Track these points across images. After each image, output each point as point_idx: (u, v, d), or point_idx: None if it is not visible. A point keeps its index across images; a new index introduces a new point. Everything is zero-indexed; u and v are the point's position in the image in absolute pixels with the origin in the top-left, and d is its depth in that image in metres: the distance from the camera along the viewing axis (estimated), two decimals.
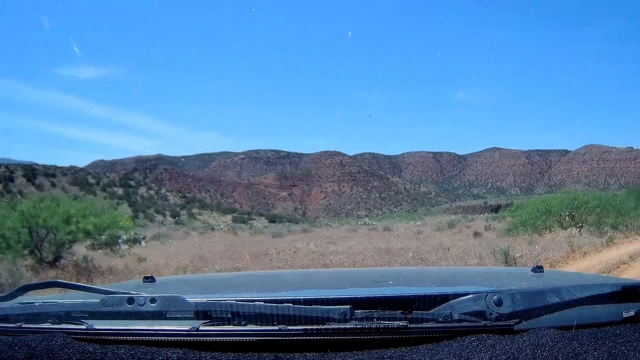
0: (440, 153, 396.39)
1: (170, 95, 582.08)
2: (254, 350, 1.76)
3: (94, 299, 2.04)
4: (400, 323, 1.80)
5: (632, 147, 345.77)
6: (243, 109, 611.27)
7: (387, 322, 1.81)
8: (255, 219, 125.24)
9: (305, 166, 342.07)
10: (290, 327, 1.81)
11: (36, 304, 2.14)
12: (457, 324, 1.84)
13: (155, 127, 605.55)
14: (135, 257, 24.65)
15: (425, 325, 1.84)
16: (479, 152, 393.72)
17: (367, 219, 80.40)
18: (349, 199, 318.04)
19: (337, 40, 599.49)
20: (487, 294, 1.90)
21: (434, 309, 1.91)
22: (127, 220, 26.82)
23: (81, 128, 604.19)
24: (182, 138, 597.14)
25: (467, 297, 1.93)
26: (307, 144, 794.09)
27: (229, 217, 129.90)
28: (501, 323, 1.83)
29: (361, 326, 1.80)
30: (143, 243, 36.53)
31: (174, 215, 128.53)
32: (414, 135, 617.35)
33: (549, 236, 29.00)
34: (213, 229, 68.96)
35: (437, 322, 1.85)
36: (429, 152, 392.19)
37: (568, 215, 33.45)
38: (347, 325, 1.80)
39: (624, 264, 18.52)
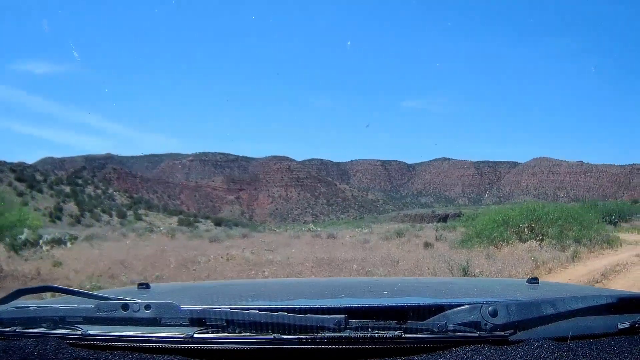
0: (389, 161, 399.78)
1: (121, 95, 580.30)
2: (248, 359, 1.81)
3: (89, 304, 2.05)
4: (395, 333, 1.81)
5: (582, 161, 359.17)
6: (193, 111, 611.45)
7: (381, 331, 1.82)
8: (202, 222, 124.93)
9: (254, 170, 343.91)
10: (284, 336, 1.82)
11: (31, 308, 2.13)
12: (452, 334, 1.85)
13: (106, 126, 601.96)
14: (52, 261, 22.15)
15: (420, 335, 1.85)
16: (428, 161, 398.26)
17: (311, 225, 77.48)
18: (296, 204, 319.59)
19: (289, 45, 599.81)
20: (482, 305, 1.92)
21: (429, 319, 1.92)
22: (36, 219, 25.52)
23: (32, 124, 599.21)
24: (132, 138, 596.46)
25: (462, 307, 1.94)
26: (256, 149, 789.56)
27: (175, 219, 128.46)
28: (496, 334, 1.84)
29: (356, 335, 1.80)
30: (68, 244, 33.09)
31: (121, 215, 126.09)
32: (363, 142, 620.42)
33: (507, 249, 26.91)
34: (152, 230, 65.37)
35: (432, 332, 1.85)
36: (377, 160, 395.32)
37: (527, 227, 31.30)
38: (342, 335, 1.81)
39: (597, 282, 16.74)
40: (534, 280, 3.15)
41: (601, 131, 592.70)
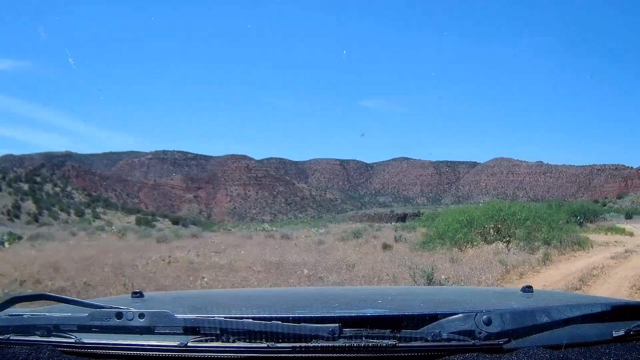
0: (348, 161, 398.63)
1: (81, 93, 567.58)
2: None
3: (83, 312, 2.07)
4: (389, 342, 1.83)
5: (541, 162, 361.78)
6: (152, 109, 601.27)
7: (375, 340, 1.84)
8: (160, 221, 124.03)
9: (212, 169, 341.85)
10: (278, 345, 1.84)
11: (25, 316, 2.14)
12: (446, 343, 1.86)
13: (65, 123, 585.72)
14: None
15: (414, 344, 1.86)
16: (386, 161, 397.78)
17: (266, 225, 75.44)
18: (254, 203, 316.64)
19: (248, 45, 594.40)
20: (477, 314, 1.94)
21: (423, 328, 1.93)
22: None
23: None
24: (92, 136, 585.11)
25: (456, 316, 1.95)
26: (215, 147, 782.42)
27: (133, 218, 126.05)
28: (490, 342, 1.86)
29: (350, 344, 1.82)
30: (6, 245, 33.24)
31: (79, 213, 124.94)
32: (322, 142, 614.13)
33: (471, 251, 25.26)
34: (104, 229, 63.16)
35: (426, 341, 1.86)
36: (336, 160, 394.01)
37: (493, 228, 29.40)
38: (336, 344, 1.82)
39: (576, 289, 15.47)
40: (528, 289, 3.10)
41: (561, 133, 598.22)
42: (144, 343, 1.87)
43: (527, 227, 28.88)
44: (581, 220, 54.43)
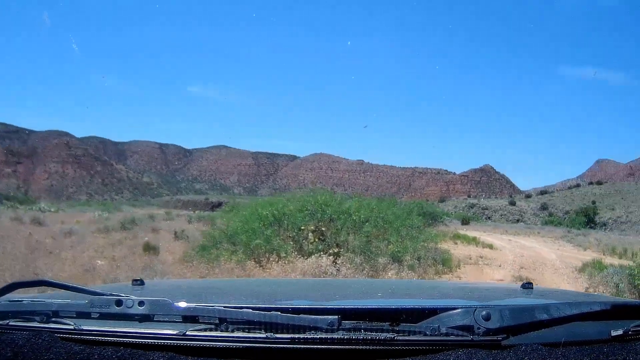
0: (167, 145, 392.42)
1: None
2: (240, 357, 1.83)
3: (83, 299, 2.08)
4: (388, 335, 1.84)
5: (362, 160, 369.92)
6: None
7: (374, 333, 1.85)
8: None
9: (33, 144, 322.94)
10: (277, 335, 1.85)
11: (24, 301, 2.18)
12: (444, 338, 1.87)
13: None
14: None
15: (412, 337, 1.87)
16: (205, 148, 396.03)
17: (43, 205, 63.78)
18: (72, 182, 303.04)
19: (76, 22, 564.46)
20: (476, 309, 1.94)
21: (422, 322, 1.94)
22: None
23: None
24: None
25: (455, 311, 1.97)
26: (39, 122, 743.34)
27: None
28: (488, 338, 1.86)
29: (348, 337, 1.83)
30: None
31: None
32: (145, 124, 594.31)
33: (278, 268, 16.13)
34: None
35: (425, 335, 1.87)
36: (155, 143, 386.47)
37: (314, 232, 18.91)
38: (335, 335, 1.83)
39: None
40: (528, 285, 3.07)
41: (383, 133, 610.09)
42: (143, 331, 1.87)
43: (366, 234, 18.92)
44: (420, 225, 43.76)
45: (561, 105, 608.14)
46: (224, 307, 1.93)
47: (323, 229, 19.09)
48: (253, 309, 1.92)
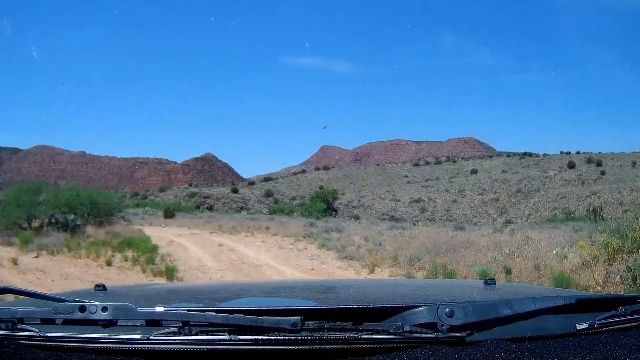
0: None
1: None
2: None
3: (47, 306, 2.04)
4: (351, 334, 1.84)
5: (84, 152, 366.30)
6: None
7: (337, 333, 1.86)
8: None
9: None
10: (241, 337, 1.84)
11: None
12: (408, 336, 1.86)
13: None
14: None
15: (376, 336, 1.86)
16: None
17: None
18: None
19: None
20: (439, 306, 1.95)
21: (385, 321, 1.95)
22: None
23: None
24: None
25: (419, 309, 1.98)
26: None
27: None
28: (453, 335, 1.87)
29: (312, 337, 1.83)
30: None
31: None
32: None
33: None
34: None
35: (389, 333, 1.87)
36: None
37: None
38: (298, 336, 1.83)
39: None
40: (491, 281, 3.08)
41: (106, 124, 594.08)
42: (107, 336, 1.86)
43: None
44: (76, 224, 31.82)
45: (284, 94, 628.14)
46: (187, 310, 1.91)
47: None
48: (216, 311, 1.90)
